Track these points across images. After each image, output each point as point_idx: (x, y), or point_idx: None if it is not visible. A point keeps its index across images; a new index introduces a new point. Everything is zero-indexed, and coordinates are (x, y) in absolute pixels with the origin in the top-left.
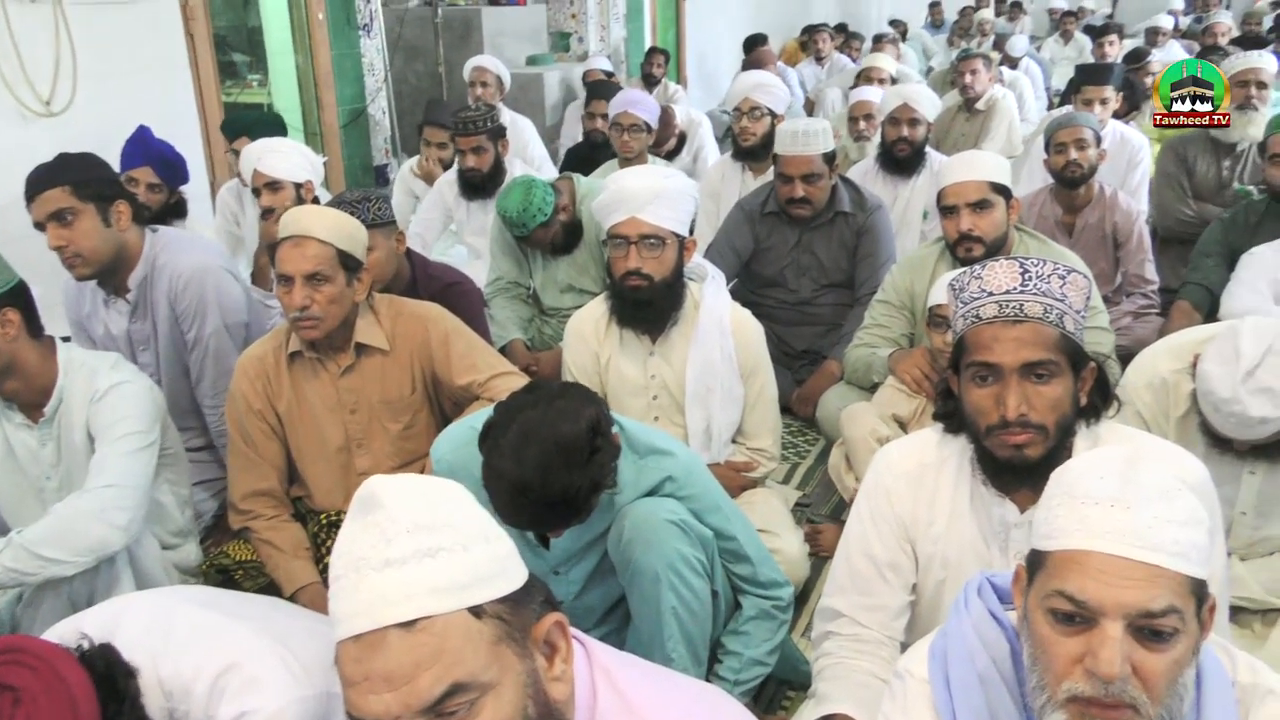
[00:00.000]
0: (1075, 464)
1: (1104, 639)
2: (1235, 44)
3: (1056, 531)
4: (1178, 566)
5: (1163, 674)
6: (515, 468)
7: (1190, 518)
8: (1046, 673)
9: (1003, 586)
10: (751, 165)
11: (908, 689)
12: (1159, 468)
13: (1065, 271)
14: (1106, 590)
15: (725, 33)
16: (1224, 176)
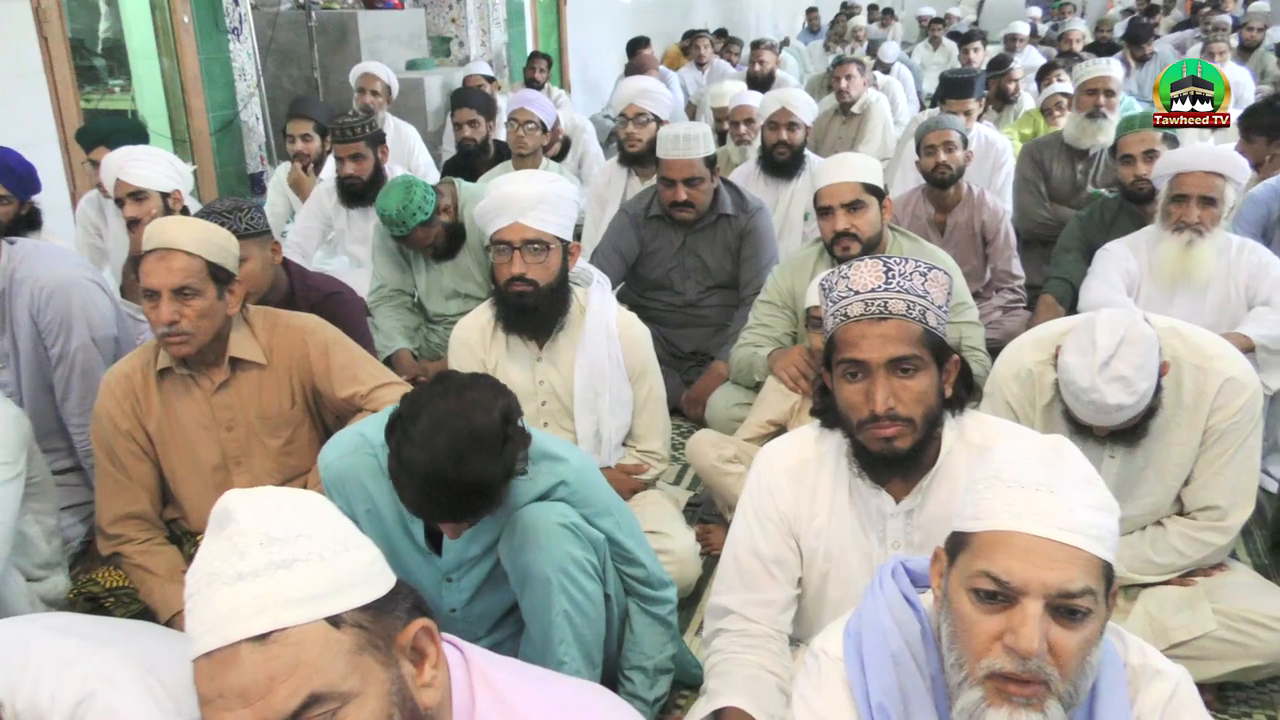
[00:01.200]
0: (1002, 451)
1: (1025, 616)
2: (1089, 50)
3: (983, 513)
4: (1094, 549)
5: (1075, 652)
6: (427, 457)
7: (1105, 504)
8: (966, 650)
9: (915, 569)
10: (638, 170)
11: (822, 667)
12: (1078, 456)
13: (927, 269)
14: (1030, 570)
15: (607, 38)
16: (1078, 180)
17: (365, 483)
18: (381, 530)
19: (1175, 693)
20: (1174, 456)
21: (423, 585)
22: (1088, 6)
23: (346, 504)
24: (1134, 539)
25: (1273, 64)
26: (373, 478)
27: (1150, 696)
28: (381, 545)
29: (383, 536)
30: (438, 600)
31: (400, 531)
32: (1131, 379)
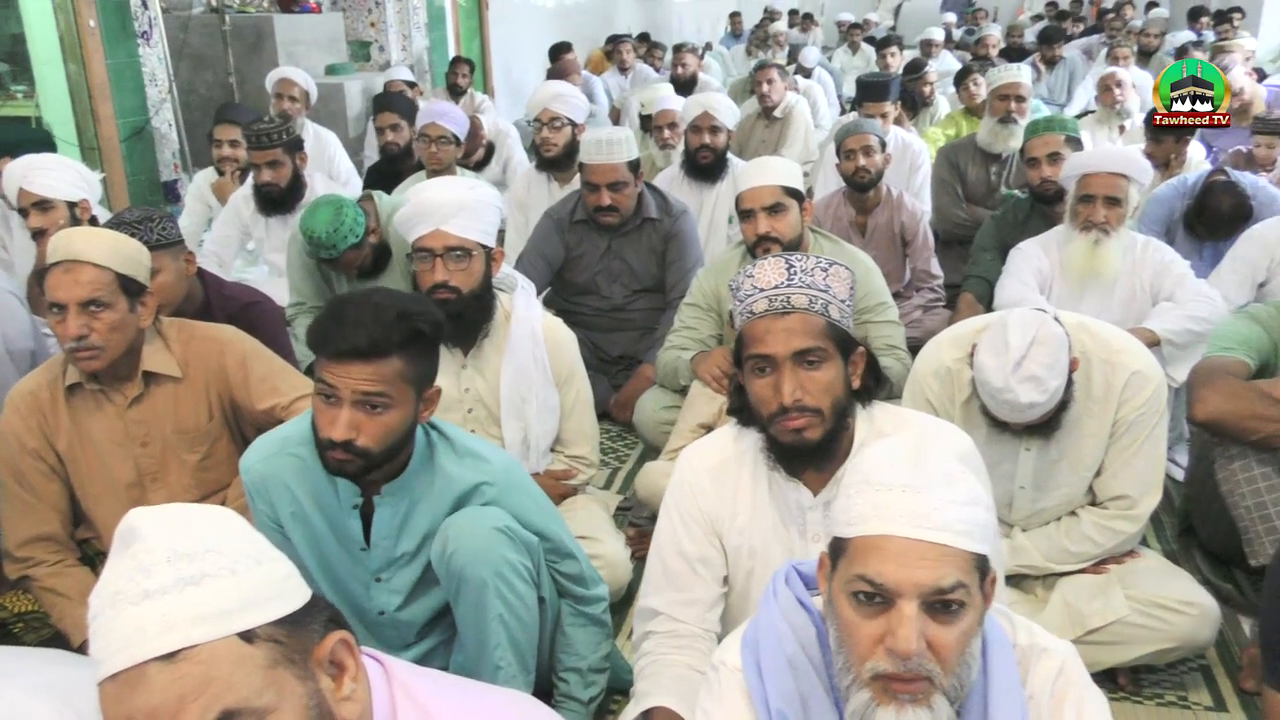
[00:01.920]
0: (868, 453)
1: (901, 618)
2: (1003, 55)
3: (855, 519)
4: (963, 544)
5: (953, 646)
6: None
7: (971, 497)
8: (851, 654)
9: (809, 573)
10: (556, 175)
11: (722, 679)
12: (942, 453)
13: (827, 264)
14: (902, 572)
15: (531, 42)
16: (992, 181)
17: (290, 484)
18: (308, 532)
19: (1063, 669)
20: (1086, 448)
21: (352, 588)
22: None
23: (270, 507)
24: (1050, 530)
25: None
26: (297, 479)
27: (1039, 674)
28: (308, 549)
29: (309, 539)
30: (366, 603)
31: (328, 531)
32: (1043, 378)
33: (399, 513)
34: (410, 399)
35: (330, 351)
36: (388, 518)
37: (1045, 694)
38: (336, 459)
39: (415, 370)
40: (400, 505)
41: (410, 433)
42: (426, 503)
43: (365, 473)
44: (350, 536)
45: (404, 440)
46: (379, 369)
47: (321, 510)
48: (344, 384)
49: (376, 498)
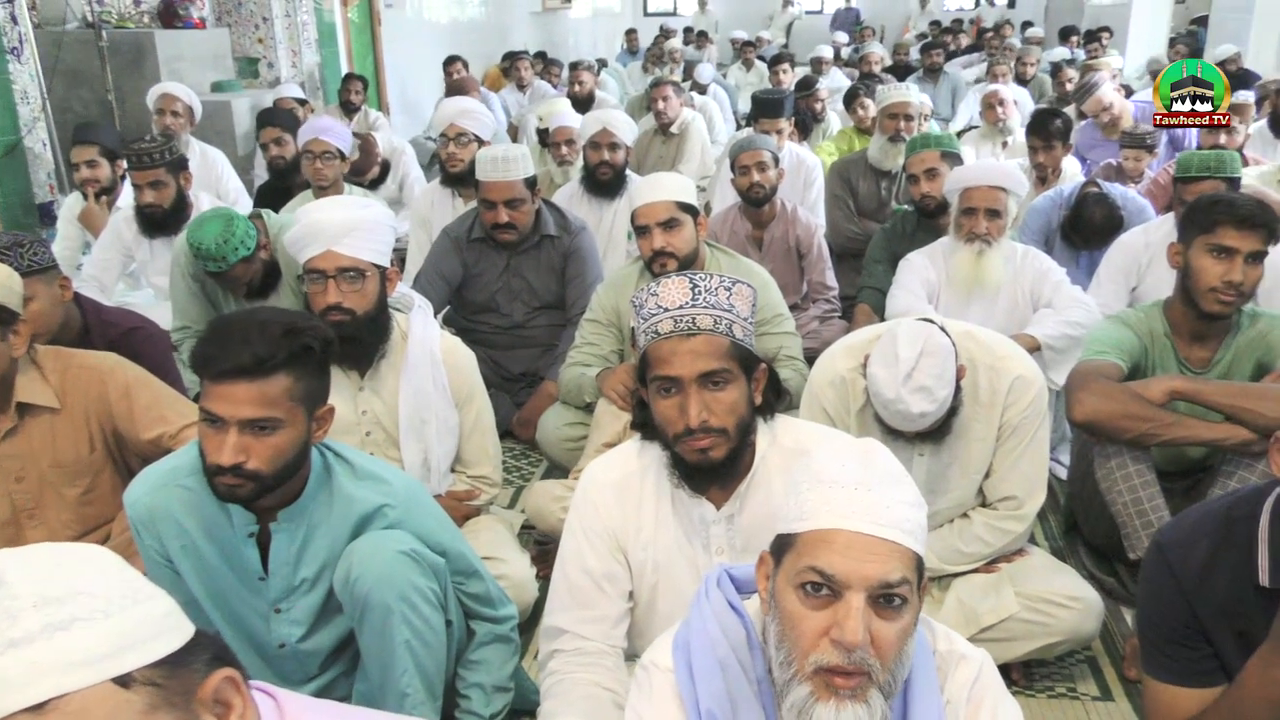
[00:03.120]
0: (820, 454)
1: (849, 610)
2: (888, 71)
3: (806, 514)
4: (908, 543)
5: (894, 641)
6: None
7: (915, 500)
8: (795, 648)
9: (740, 577)
10: (461, 191)
11: (652, 680)
12: (890, 456)
13: (731, 283)
14: (852, 564)
15: (426, 59)
16: (883, 196)
17: (178, 517)
18: (200, 566)
19: (979, 675)
20: (975, 451)
21: (250, 620)
22: (886, 31)
23: (158, 542)
24: (944, 532)
25: (1049, 84)
26: (186, 511)
27: (957, 680)
28: (200, 583)
29: (201, 572)
30: (265, 636)
31: (222, 563)
32: (932, 388)
33: (297, 539)
34: (301, 419)
35: (214, 372)
36: (285, 544)
37: (962, 699)
38: (226, 484)
39: (305, 388)
40: (298, 531)
41: (304, 454)
42: (326, 527)
43: (258, 497)
44: (247, 566)
45: (297, 462)
46: (265, 388)
47: (214, 542)
48: (230, 406)
49: (273, 525)
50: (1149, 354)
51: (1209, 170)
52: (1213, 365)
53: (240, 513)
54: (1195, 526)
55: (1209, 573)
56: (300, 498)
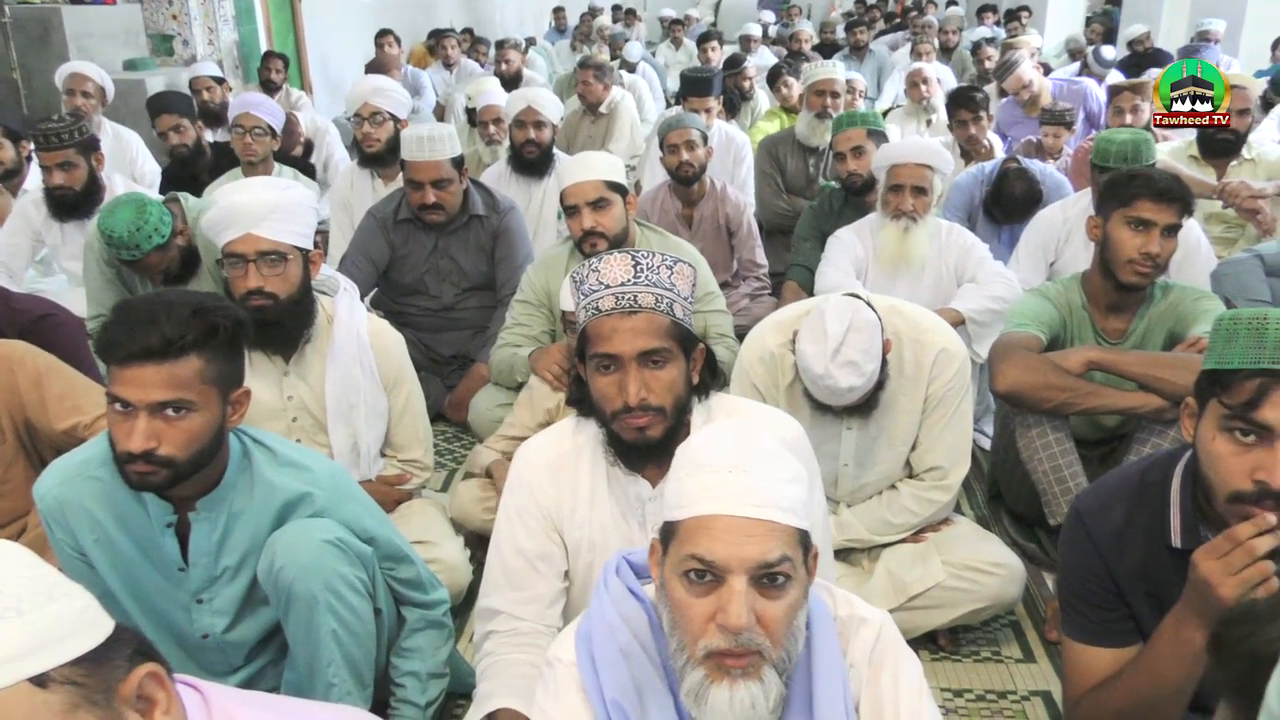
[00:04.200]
0: (696, 439)
1: (732, 594)
2: (816, 50)
3: (685, 501)
4: (787, 520)
5: (781, 618)
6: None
7: (793, 476)
8: (685, 634)
9: (639, 563)
10: (380, 172)
11: (557, 675)
12: (765, 435)
13: (673, 262)
14: (731, 549)
15: (350, 37)
16: (811, 173)
17: (91, 509)
18: (115, 558)
19: (880, 637)
20: (901, 424)
21: (170, 613)
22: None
23: (70, 535)
24: (872, 504)
25: (970, 61)
26: (99, 502)
27: (858, 644)
28: (116, 576)
29: (117, 565)
30: (187, 627)
31: (139, 555)
32: (860, 363)
33: (218, 527)
34: (215, 402)
35: (121, 356)
36: (206, 534)
37: (864, 662)
38: (138, 472)
39: (217, 370)
40: (218, 519)
41: (219, 439)
42: (248, 515)
43: (173, 484)
44: (165, 558)
45: (213, 447)
46: (175, 370)
47: (129, 533)
48: (138, 390)
49: (192, 514)
50: (1067, 326)
51: (1125, 162)
52: (1128, 336)
53: (156, 503)
54: (1112, 492)
55: (1125, 536)
56: (219, 486)
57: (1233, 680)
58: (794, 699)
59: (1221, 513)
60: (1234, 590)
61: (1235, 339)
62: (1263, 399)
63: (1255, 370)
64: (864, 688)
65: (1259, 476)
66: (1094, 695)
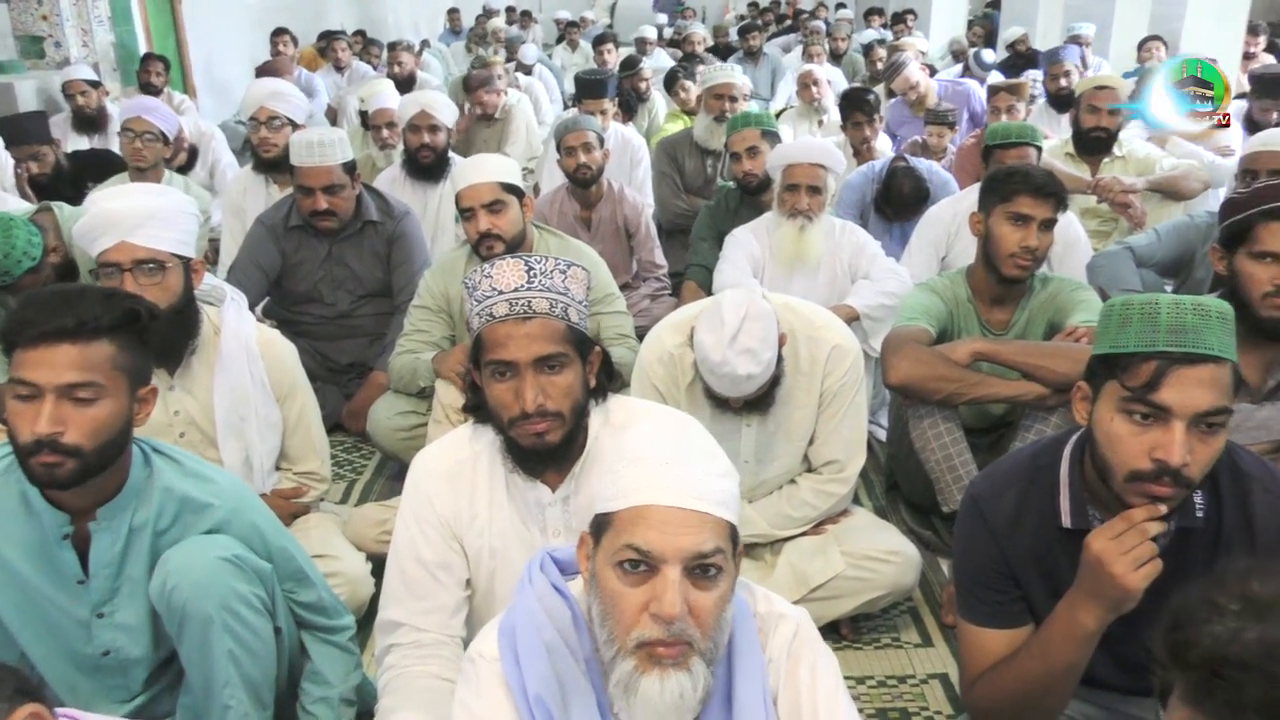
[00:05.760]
0: (634, 432)
1: (666, 583)
2: (710, 51)
3: (622, 492)
4: (721, 513)
5: (712, 609)
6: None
7: (725, 471)
8: (617, 625)
9: (563, 559)
10: (275, 177)
11: (479, 670)
12: (701, 430)
13: (566, 266)
14: (667, 539)
15: (234, 39)
16: (709, 174)
17: None
18: (4, 575)
19: (798, 632)
20: (798, 419)
21: (67, 630)
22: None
23: None
24: (773, 499)
25: (861, 64)
26: None
27: (777, 639)
28: (4, 595)
29: (7, 582)
30: (85, 646)
31: (31, 570)
32: (757, 351)
33: (120, 538)
34: (124, 392)
35: (32, 334)
36: (108, 544)
37: (783, 656)
38: (43, 464)
39: (128, 360)
40: (120, 529)
41: (125, 435)
42: (151, 525)
43: (79, 479)
44: (62, 571)
45: (119, 442)
46: (87, 352)
47: (19, 548)
48: (48, 371)
49: (92, 524)
50: (954, 318)
51: (1025, 137)
52: (1011, 327)
53: (51, 514)
54: (1004, 476)
55: (1018, 519)
56: (121, 493)
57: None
58: (714, 693)
59: (1119, 492)
60: (1124, 568)
61: (1129, 324)
62: (1160, 381)
63: (1152, 353)
64: (782, 682)
65: (1157, 455)
66: (989, 676)
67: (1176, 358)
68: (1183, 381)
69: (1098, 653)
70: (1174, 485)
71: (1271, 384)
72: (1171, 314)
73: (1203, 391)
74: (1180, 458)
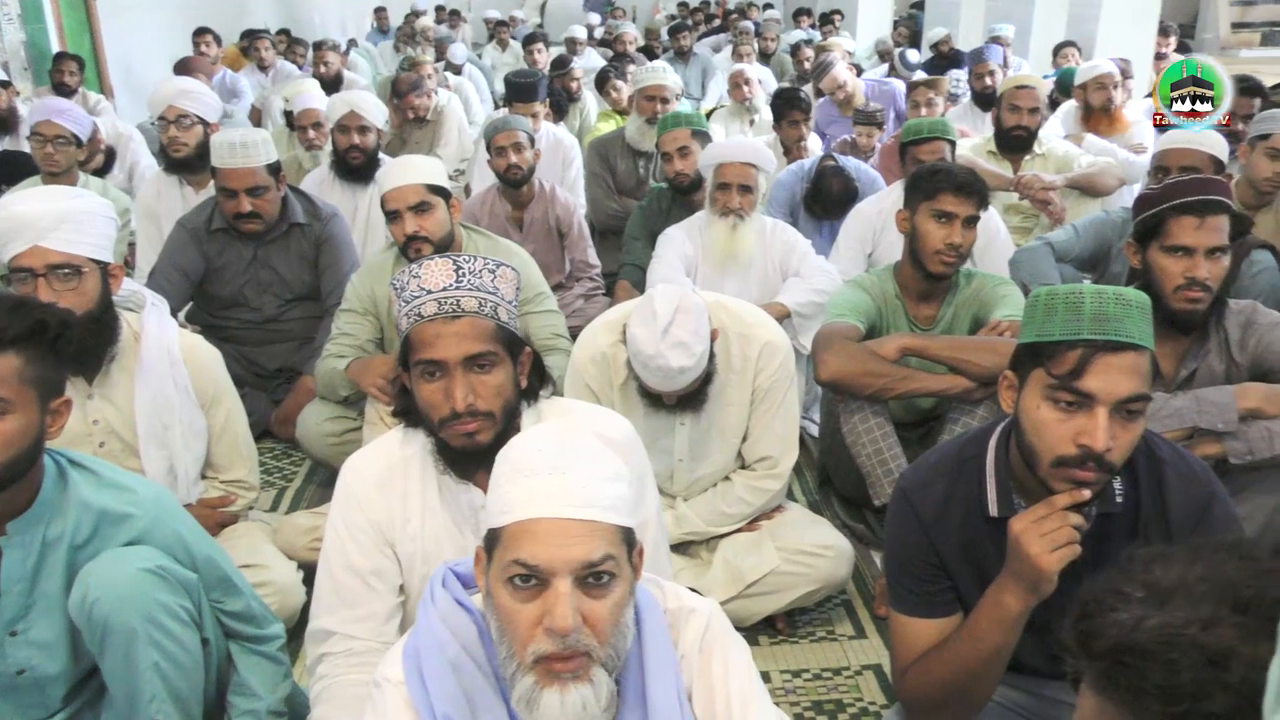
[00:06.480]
0: (515, 442)
1: (557, 596)
2: (641, 51)
3: (506, 507)
4: (609, 519)
5: (607, 617)
6: None
7: (615, 474)
8: (514, 641)
9: (465, 573)
10: (189, 179)
11: (385, 695)
12: (585, 434)
13: (495, 266)
14: (554, 551)
15: (154, 37)
16: (641, 175)
17: None
18: None
19: (708, 625)
20: (731, 416)
21: None
22: (637, 13)
23: None
24: (708, 496)
25: (789, 64)
26: None
27: (688, 634)
28: None
29: None
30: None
31: None
32: (689, 343)
33: (32, 552)
34: (33, 406)
35: None
36: (19, 559)
37: (695, 651)
38: None
39: (37, 372)
40: (33, 543)
41: (36, 449)
42: (66, 538)
43: None
44: None
45: (29, 456)
46: None
47: None
48: None
49: (3, 539)
50: (883, 314)
51: (936, 132)
52: (937, 322)
53: None
54: (933, 469)
55: (946, 509)
56: (33, 507)
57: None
58: (628, 694)
59: (1045, 478)
60: (1041, 549)
61: (1055, 313)
62: (1084, 368)
63: (1077, 341)
64: (695, 676)
65: (1082, 441)
66: (920, 663)
67: (1100, 345)
68: (1106, 369)
69: (1023, 638)
70: (1097, 470)
71: (1184, 374)
72: (1095, 303)
73: (1124, 378)
74: (1104, 443)
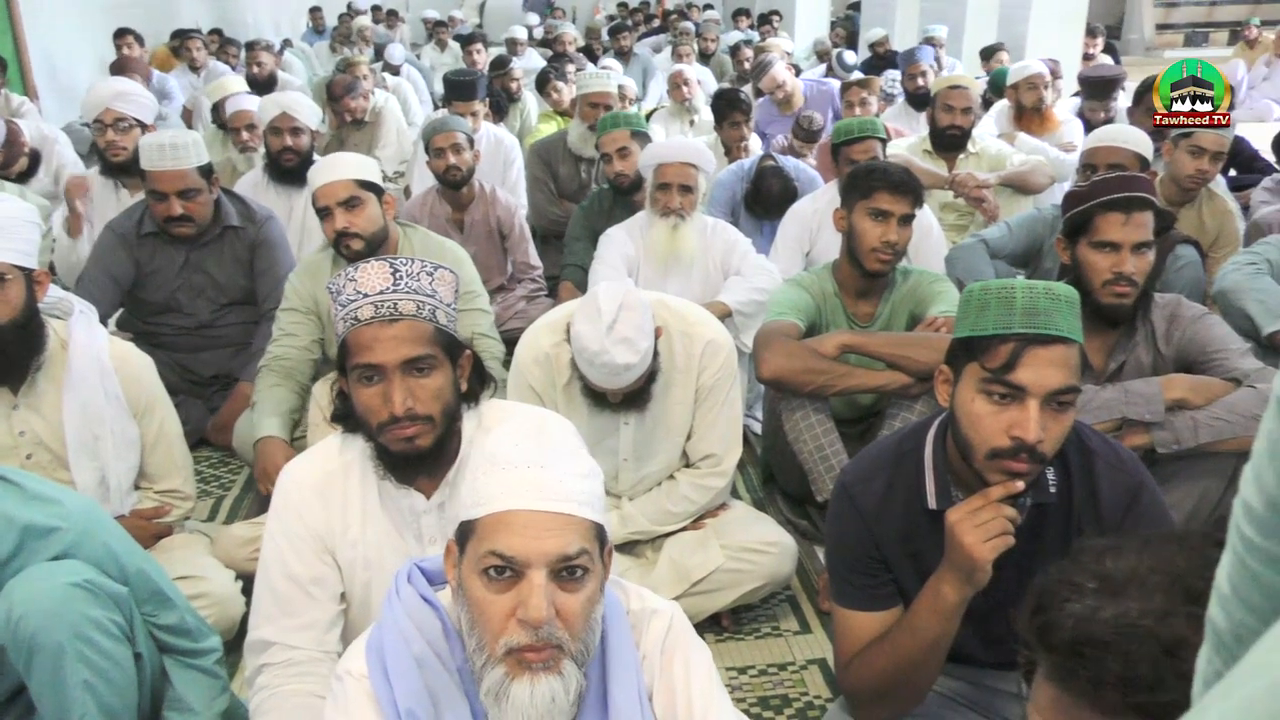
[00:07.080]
0: (494, 436)
1: (532, 588)
2: (581, 52)
3: (483, 499)
4: (585, 514)
5: (580, 611)
6: None
7: (590, 471)
8: (485, 633)
9: (431, 569)
10: (125, 182)
11: (348, 689)
12: (563, 430)
13: (433, 268)
14: (531, 543)
15: (81, 38)
16: (584, 179)
17: None
18: None
19: (671, 626)
20: (676, 415)
21: None
22: (577, 13)
23: None
24: (653, 495)
25: (729, 64)
26: None
27: (650, 635)
28: None
29: None
30: None
31: None
32: (634, 339)
33: None
34: None
35: None
36: None
37: (657, 652)
38: None
39: None
40: None
41: None
42: None
43: None
44: None
45: None
46: None
47: None
48: None
49: None
50: (822, 312)
51: (866, 131)
52: (875, 319)
53: None
54: (872, 463)
55: (886, 503)
56: None
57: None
58: (589, 693)
59: (980, 470)
60: (975, 539)
61: (987, 308)
62: (1016, 361)
63: (1009, 335)
64: (657, 677)
65: (1015, 433)
66: (862, 656)
67: (1031, 338)
68: (1037, 361)
69: (962, 629)
70: (1030, 461)
71: (1113, 366)
72: (1026, 298)
73: (1054, 371)
74: (1035, 434)
